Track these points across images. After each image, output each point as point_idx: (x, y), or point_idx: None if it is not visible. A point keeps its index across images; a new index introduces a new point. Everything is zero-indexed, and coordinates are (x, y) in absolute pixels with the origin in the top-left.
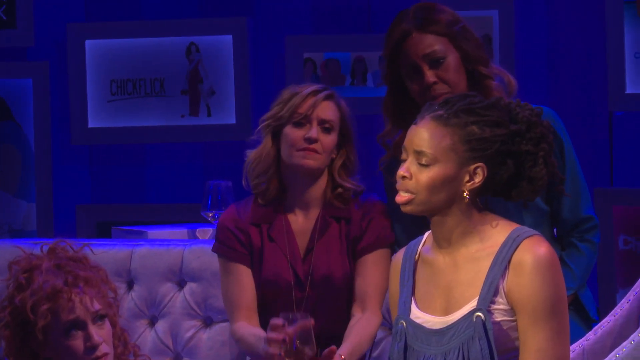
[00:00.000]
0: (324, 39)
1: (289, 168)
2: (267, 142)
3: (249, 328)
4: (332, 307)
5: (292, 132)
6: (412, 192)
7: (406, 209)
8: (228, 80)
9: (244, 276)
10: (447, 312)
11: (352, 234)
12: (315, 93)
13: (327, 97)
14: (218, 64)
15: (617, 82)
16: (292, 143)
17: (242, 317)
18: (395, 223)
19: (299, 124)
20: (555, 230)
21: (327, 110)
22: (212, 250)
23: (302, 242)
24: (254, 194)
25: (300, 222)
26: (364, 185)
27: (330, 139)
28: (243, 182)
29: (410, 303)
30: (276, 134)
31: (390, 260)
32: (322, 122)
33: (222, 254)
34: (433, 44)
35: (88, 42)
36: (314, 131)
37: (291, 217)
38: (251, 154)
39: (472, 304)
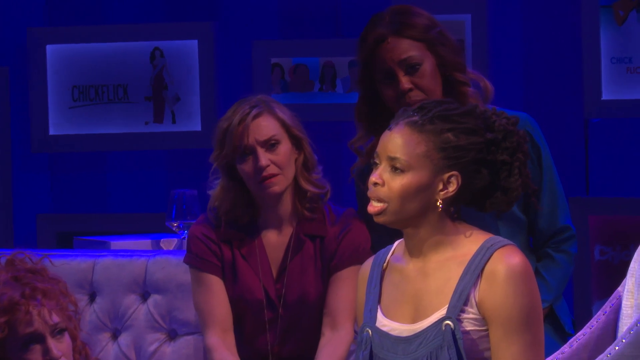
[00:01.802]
0: (292, 43)
1: (257, 194)
2: (224, 182)
3: (223, 354)
4: (306, 328)
5: (243, 168)
6: (384, 200)
7: (379, 219)
8: (193, 86)
9: (217, 287)
10: (414, 320)
11: (327, 253)
12: (243, 119)
13: (257, 115)
14: (183, 69)
15: (593, 88)
16: (248, 178)
17: (216, 331)
18: (370, 232)
19: (244, 156)
20: (531, 240)
21: (262, 129)
22: (184, 261)
23: (275, 260)
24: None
25: (274, 240)
26: (330, 189)
27: (282, 153)
28: (208, 214)
29: (377, 311)
30: (231, 168)
31: None
32: (264, 143)
33: (193, 265)
34: (409, 49)
35: (49, 47)
36: (262, 158)
37: (264, 235)
38: (213, 194)
39: (441, 312)
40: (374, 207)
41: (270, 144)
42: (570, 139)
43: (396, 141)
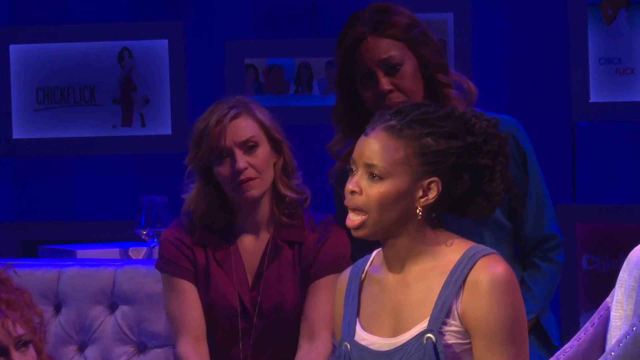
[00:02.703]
0: (267, 43)
1: (233, 198)
2: (200, 185)
3: None
4: (282, 339)
5: (220, 170)
6: (362, 210)
7: (358, 234)
8: (163, 88)
9: (190, 294)
10: (395, 333)
11: (306, 260)
12: (220, 120)
13: (235, 116)
14: (153, 70)
15: (580, 90)
16: (224, 181)
17: (188, 340)
18: (350, 239)
19: (221, 159)
20: (517, 249)
21: (241, 130)
22: (156, 266)
23: (251, 267)
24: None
25: (250, 246)
26: (310, 195)
27: (260, 156)
28: (182, 218)
29: (355, 324)
30: (207, 170)
31: None
32: (242, 145)
33: (165, 270)
34: (389, 49)
35: (12, 47)
36: (240, 161)
37: (240, 240)
38: (188, 198)
39: (423, 325)
40: (353, 221)
41: (249, 146)
42: (557, 143)
43: (373, 147)
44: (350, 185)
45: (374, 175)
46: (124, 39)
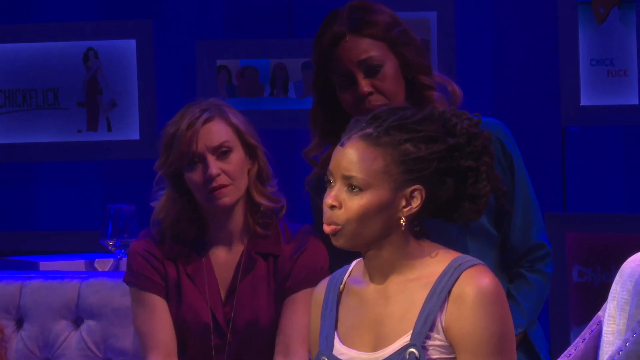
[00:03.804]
0: (240, 43)
1: (205, 207)
2: (170, 192)
3: None
4: (257, 355)
5: (191, 177)
6: (342, 225)
7: (338, 243)
8: (131, 91)
9: (160, 309)
10: (375, 347)
11: (281, 273)
12: (192, 123)
13: (208, 120)
14: (120, 72)
15: (570, 93)
16: (196, 188)
17: (158, 357)
18: (328, 251)
19: (193, 164)
20: (504, 259)
21: (213, 134)
22: (124, 280)
23: (224, 280)
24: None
25: (223, 258)
26: (285, 204)
27: (234, 162)
28: (151, 229)
29: (333, 338)
30: (178, 177)
31: None
32: (215, 150)
33: (134, 284)
34: (369, 49)
35: None
36: (212, 167)
37: (212, 252)
38: (157, 206)
39: (405, 339)
40: (330, 226)
41: (222, 152)
42: (546, 148)
43: (350, 158)
44: (328, 199)
45: (353, 187)
46: (89, 39)
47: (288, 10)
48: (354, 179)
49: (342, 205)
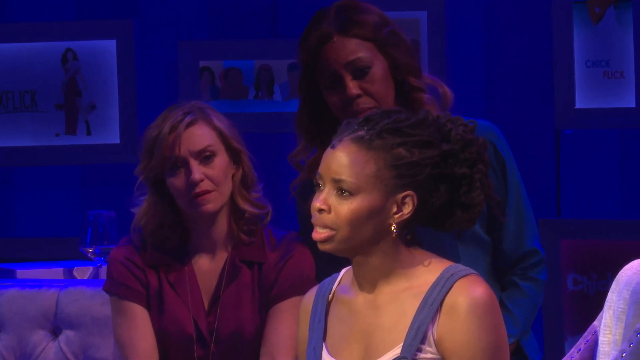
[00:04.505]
0: (224, 44)
1: (187, 213)
2: (151, 197)
3: None
4: None
5: (173, 182)
6: (331, 228)
7: (325, 247)
8: (111, 93)
9: (141, 318)
10: (365, 359)
11: (266, 282)
12: (175, 127)
13: (191, 123)
14: (99, 74)
15: (565, 95)
16: (178, 194)
17: None
18: (314, 259)
19: (175, 169)
20: (496, 265)
21: (197, 138)
22: (104, 288)
23: (207, 289)
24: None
25: (206, 266)
26: (270, 210)
27: (217, 166)
28: (132, 236)
29: (321, 349)
30: (159, 182)
31: None
32: (198, 154)
33: (114, 293)
34: (357, 50)
35: None
36: (195, 172)
37: (195, 260)
38: (138, 212)
39: (396, 352)
40: (319, 233)
41: (205, 156)
42: (540, 152)
43: (341, 161)
44: (317, 203)
45: (343, 191)
46: (67, 39)
47: (273, 9)
48: (344, 183)
49: (332, 209)
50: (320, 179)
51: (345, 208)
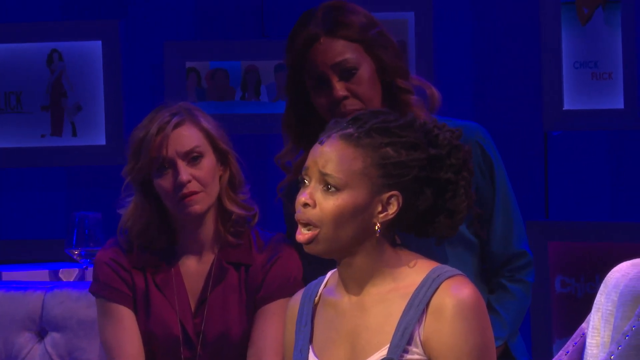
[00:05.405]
0: (210, 45)
1: (175, 214)
2: (138, 198)
3: None
4: None
5: (160, 183)
6: (315, 225)
7: (310, 249)
8: (97, 94)
9: (128, 321)
10: None
11: (253, 283)
12: (162, 128)
13: (178, 124)
14: (85, 74)
15: (553, 97)
16: (165, 195)
17: None
18: (301, 260)
19: (162, 170)
20: (484, 267)
21: (184, 139)
22: (90, 290)
23: (194, 291)
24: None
25: (193, 268)
26: (258, 212)
27: (205, 167)
28: (119, 237)
29: (308, 351)
30: (147, 183)
31: None
32: (185, 155)
33: (100, 295)
34: (344, 51)
35: None
36: (182, 173)
37: (182, 262)
38: (125, 214)
39: (382, 353)
40: (303, 235)
41: (192, 157)
42: (528, 154)
43: (329, 156)
44: (302, 197)
45: (329, 187)
46: (53, 40)
47: (260, 10)
48: (330, 178)
49: (317, 204)
50: (306, 174)
51: (330, 203)
